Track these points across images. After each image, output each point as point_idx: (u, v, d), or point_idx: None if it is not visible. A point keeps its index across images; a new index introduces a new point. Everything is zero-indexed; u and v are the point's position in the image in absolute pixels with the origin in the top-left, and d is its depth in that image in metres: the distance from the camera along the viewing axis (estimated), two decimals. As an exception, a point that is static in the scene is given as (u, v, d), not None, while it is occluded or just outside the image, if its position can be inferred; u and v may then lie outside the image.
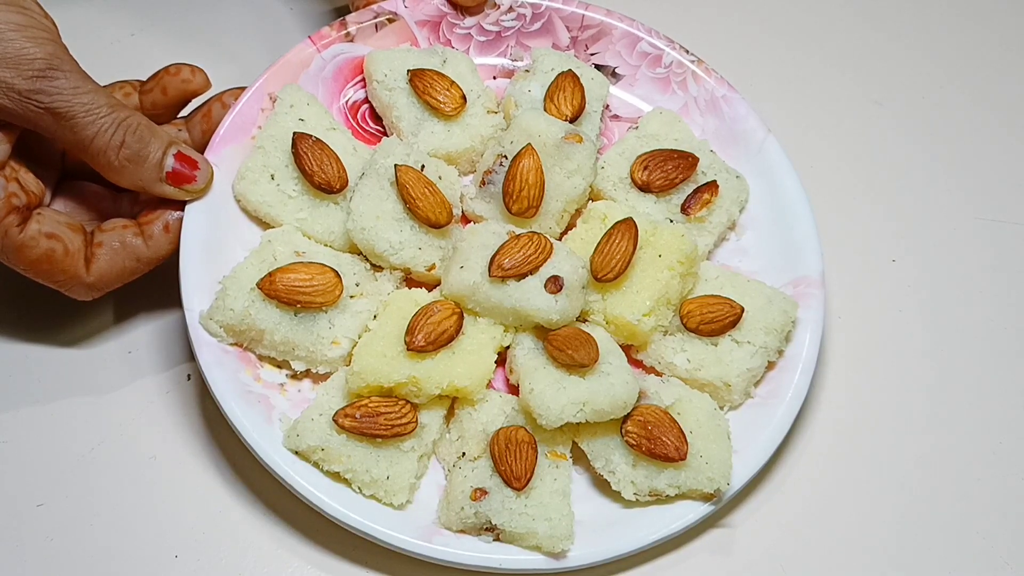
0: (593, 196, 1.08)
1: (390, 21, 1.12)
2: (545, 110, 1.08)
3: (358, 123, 1.12)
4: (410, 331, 0.97)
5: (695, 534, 1.00)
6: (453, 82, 1.08)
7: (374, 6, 1.12)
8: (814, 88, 1.27)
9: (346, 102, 1.12)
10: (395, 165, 1.02)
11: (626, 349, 1.01)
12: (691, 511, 0.96)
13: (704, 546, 0.99)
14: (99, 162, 0.99)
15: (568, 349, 0.97)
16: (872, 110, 1.25)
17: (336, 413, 0.96)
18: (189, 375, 1.05)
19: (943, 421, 1.06)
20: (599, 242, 1.01)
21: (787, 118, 1.24)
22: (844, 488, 1.02)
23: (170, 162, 1.00)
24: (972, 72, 1.28)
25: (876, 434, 1.05)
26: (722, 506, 0.97)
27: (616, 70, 1.14)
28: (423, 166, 1.04)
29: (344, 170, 1.04)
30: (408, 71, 1.07)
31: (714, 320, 1.01)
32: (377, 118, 1.12)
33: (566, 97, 1.08)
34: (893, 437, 1.05)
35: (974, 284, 1.14)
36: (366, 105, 1.12)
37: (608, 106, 1.13)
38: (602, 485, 0.99)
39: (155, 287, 1.09)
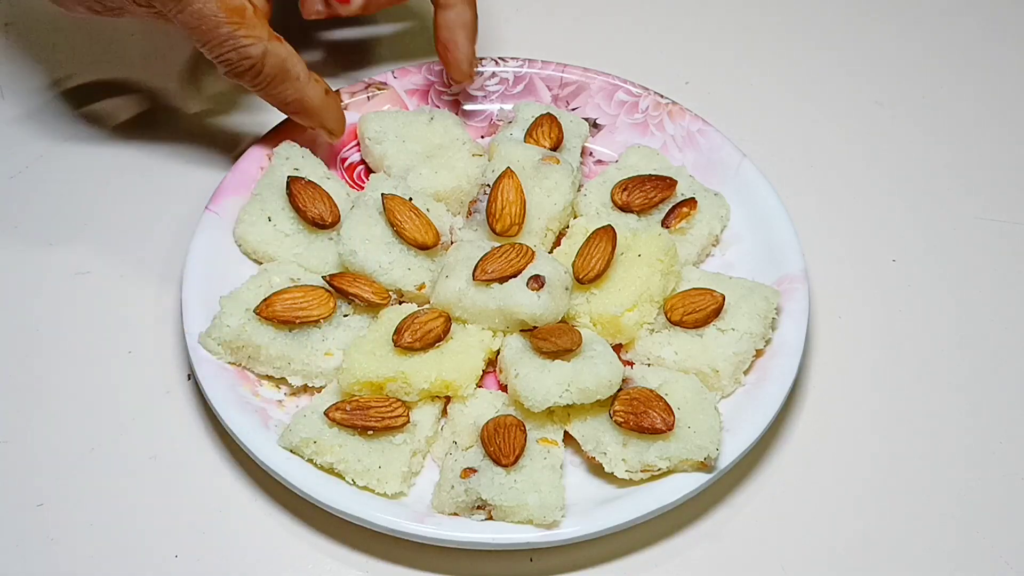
0: None
1: (379, 89, 1.18)
2: (525, 143, 1.13)
3: (353, 180, 1.16)
4: (398, 331, 1.00)
5: (690, 519, 1.00)
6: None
7: (365, 78, 1.18)
8: (815, 89, 1.27)
9: (342, 160, 1.17)
10: (382, 194, 1.06)
11: (616, 350, 1.03)
12: (685, 483, 0.96)
13: (701, 541, 0.99)
14: None
15: (552, 337, 0.99)
16: (873, 110, 1.25)
17: (327, 408, 0.97)
18: (189, 375, 1.05)
19: (943, 420, 1.06)
20: (579, 247, 1.05)
21: (788, 119, 1.24)
22: (843, 487, 1.02)
23: None
24: (972, 72, 1.29)
25: (876, 434, 1.05)
26: (717, 479, 0.97)
27: (597, 121, 1.19)
28: (411, 198, 1.07)
29: (336, 207, 1.08)
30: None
31: (697, 310, 1.02)
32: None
33: (544, 132, 1.13)
34: (892, 437, 1.05)
35: (974, 284, 1.13)
36: (361, 165, 1.17)
37: (592, 152, 1.18)
38: (597, 472, 0.99)
39: (155, 288, 1.09)
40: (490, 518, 0.95)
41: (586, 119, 1.17)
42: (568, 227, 1.09)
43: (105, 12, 1.05)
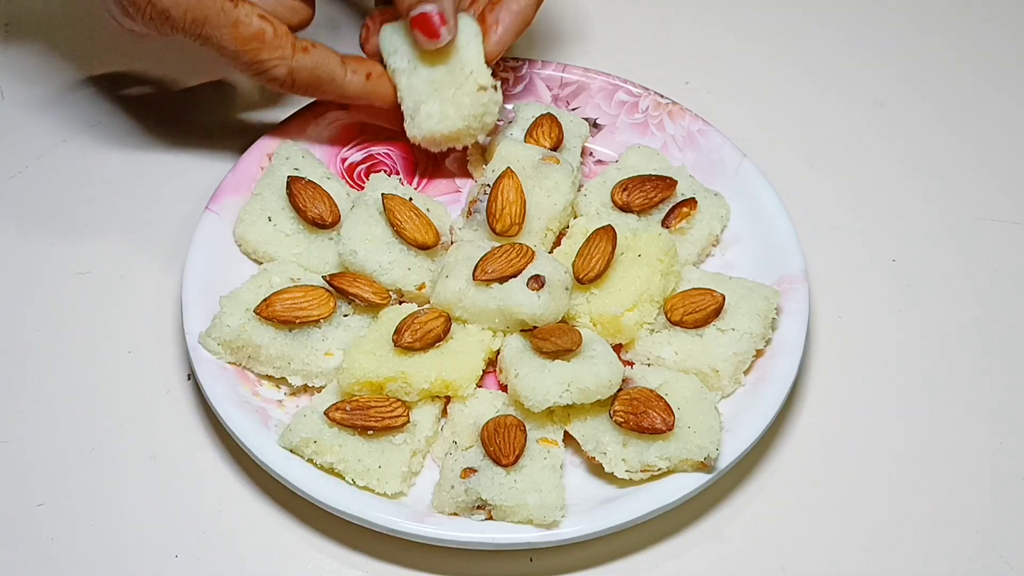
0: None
1: None
2: (525, 142, 1.13)
3: (353, 180, 1.16)
4: (398, 331, 1.00)
5: (690, 519, 1.00)
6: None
7: None
8: (816, 89, 1.27)
9: (342, 160, 1.16)
10: (382, 194, 1.06)
11: (616, 350, 1.03)
12: (685, 483, 0.97)
13: (701, 541, 0.99)
14: None
15: (552, 337, 0.99)
16: (873, 110, 1.25)
17: (327, 408, 0.97)
18: (189, 374, 1.05)
19: (943, 420, 1.06)
20: (580, 247, 1.05)
21: (788, 118, 1.24)
22: (844, 487, 1.02)
23: None
24: (973, 72, 1.28)
25: (875, 434, 1.05)
26: (717, 479, 0.97)
27: (597, 121, 1.19)
28: (411, 198, 1.07)
29: (336, 207, 1.08)
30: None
31: (697, 310, 1.03)
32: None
33: (544, 132, 1.13)
34: (893, 437, 1.05)
35: (974, 284, 1.13)
36: (362, 165, 1.16)
37: (592, 152, 1.18)
38: (597, 472, 0.99)
39: (155, 288, 1.09)
40: (490, 518, 0.95)
41: (586, 119, 1.17)
42: (568, 227, 1.09)
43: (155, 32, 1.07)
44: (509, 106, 1.19)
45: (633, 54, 1.28)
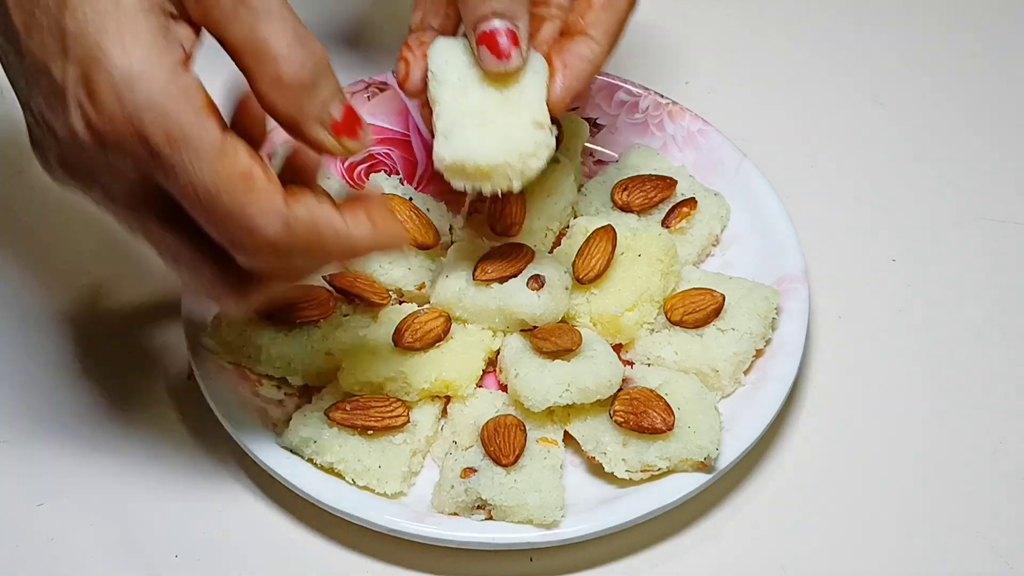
0: None
1: (380, 90, 1.18)
2: None
3: (353, 180, 1.16)
4: (398, 331, 1.00)
5: (690, 519, 1.00)
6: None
7: (365, 78, 1.18)
8: (816, 88, 1.27)
9: (342, 160, 1.16)
10: (382, 194, 1.06)
11: (616, 350, 1.03)
12: (685, 483, 0.96)
13: (701, 542, 0.99)
14: (263, 69, 0.80)
15: (552, 337, 0.99)
16: (873, 110, 1.25)
17: (327, 408, 0.98)
18: (189, 375, 1.05)
19: (943, 420, 1.06)
20: (579, 247, 1.05)
21: (788, 119, 1.24)
22: (844, 487, 1.02)
23: (337, 110, 0.83)
24: (973, 71, 1.28)
25: (875, 433, 1.05)
26: (717, 479, 0.97)
27: (597, 121, 1.19)
28: (411, 198, 1.07)
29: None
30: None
31: (697, 310, 1.03)
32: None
33: None
34: (892, 437, 1.05)
35: (974, 284, 1.13)
36: (362, 165, 1.16)
37: (592, 152, 1.18)
38: (597, 472, 0.99)
39: (155, 288, 1.09)
40: (490, 518, 0.96)
41: (586, 119, 1.17)
42: (568, 227, 1.09)
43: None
44: None
45: (633, 54, 1.28)
